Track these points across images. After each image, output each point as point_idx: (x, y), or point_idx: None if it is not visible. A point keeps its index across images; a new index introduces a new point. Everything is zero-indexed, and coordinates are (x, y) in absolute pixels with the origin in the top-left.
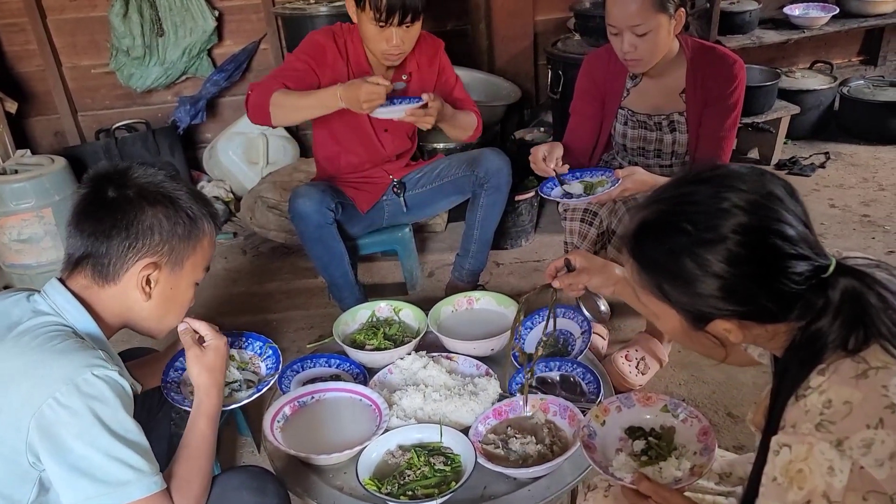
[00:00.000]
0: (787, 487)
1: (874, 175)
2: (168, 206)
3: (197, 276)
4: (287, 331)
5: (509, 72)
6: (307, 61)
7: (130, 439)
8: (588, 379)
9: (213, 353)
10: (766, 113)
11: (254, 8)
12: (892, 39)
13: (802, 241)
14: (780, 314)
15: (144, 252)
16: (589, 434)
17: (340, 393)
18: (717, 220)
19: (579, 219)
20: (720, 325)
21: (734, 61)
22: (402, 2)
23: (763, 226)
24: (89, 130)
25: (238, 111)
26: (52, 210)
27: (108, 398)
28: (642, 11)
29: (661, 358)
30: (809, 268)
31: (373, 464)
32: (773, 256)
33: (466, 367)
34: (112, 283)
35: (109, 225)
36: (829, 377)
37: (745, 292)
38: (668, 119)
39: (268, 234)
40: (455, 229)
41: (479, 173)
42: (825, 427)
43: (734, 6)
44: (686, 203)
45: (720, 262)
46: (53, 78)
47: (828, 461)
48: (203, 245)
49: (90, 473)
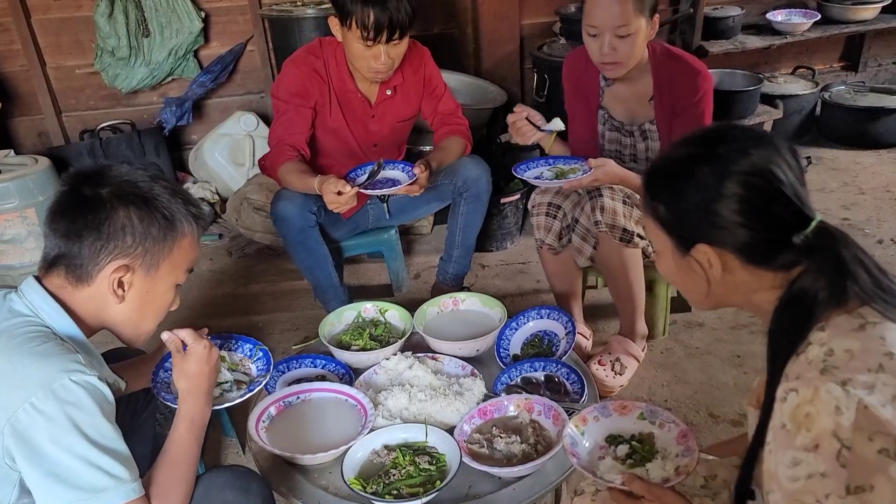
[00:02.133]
0: (796, 432)
1: (854, 179)
2: (142, 207)
3: (177, 279)
4: (272, 332)
5: (496, 75)
6: (297, 103)
7: (108, 446)
8: (572, 379)
9: (193, 358)
10: (749, 117)
11: (240, 9)
12: (872, 46)
13: (791, 187)
14: (762, 254)
15: (116, 254)
16: (571, 442)
17: (326, 393)
18: (722, 148)
19: (544, 213)
20: (703, 251)
21: (698, 72)
22: (390, 19)
23: (767, 163)
24: (74, 131)
25: (224, 112)
26: (36, 210)
27: (85, 404)
28: (625, 13)
29: (635, 355)
30: (792, 211)
31: (358, 463)
32: (764, 185)
33: (452, 367)
34: (86, 285)
35: (81, 225)
36: (829, 332)
37: (728, 215)
38: (641, 128)
39: (253, 235)
40: (441, 231)
41: (458, 182)
42: (829, 371)
43: (717, 12)
44: (707, 137)
45: (711, 176)
46: (37, 78)
47: (834, 399)
48: (182, 246)
49: (66, 479)
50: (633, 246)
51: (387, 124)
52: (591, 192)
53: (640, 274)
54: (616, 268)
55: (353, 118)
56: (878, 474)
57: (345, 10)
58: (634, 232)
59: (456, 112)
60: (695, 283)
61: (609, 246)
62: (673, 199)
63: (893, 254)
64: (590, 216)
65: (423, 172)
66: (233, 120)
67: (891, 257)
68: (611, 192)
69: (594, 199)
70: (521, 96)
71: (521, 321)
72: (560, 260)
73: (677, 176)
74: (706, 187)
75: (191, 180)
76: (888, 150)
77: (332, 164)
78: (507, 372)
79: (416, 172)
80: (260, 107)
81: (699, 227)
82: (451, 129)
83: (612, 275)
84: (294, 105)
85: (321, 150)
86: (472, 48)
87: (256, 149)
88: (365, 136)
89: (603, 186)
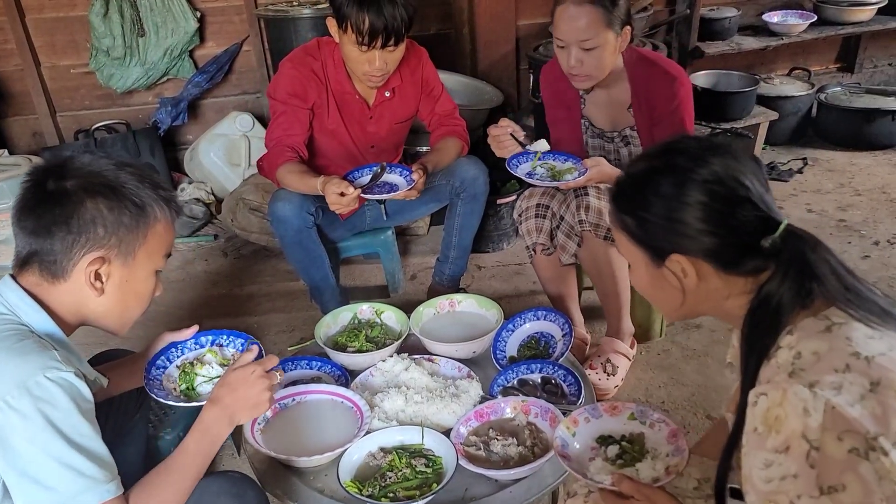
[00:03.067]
0: (767, 434)
1: (850, 180)
2: (110, 196)
3: (156, 264)
4: (268, 333)
5: (492, 76)
6: (295, 104)
7: (84, 444)
8: (569, 381)
9: (239, 372)
10: (745, 118)
11: (236, 9)
12: (868, 47)
13: (755, 192)
14: (733, 260)
15: (90, 246)
16: (562, 444)
17: (322, 395)
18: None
19: (533, 215)
20: (677, 260)
21: (674, 78)
22: (385, 25)
23: (727, 169)
24: (68, 131)
25: (220, 112)
26: None
27: (61, 402)
28: (591, 27)
29: (624, 353)
30: (759, 215)
31: (354, 466)
32: (726, 192)
33: (448, 369)
34: (62, 280)
35: (49, 220)
36: (797, 335)
37: (694, 222)
38: (622, 135)
39: (249, 236)
40: (437, 232)
41: (455, 183)
42: (797, 374)
43: (714, 13)
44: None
45: (672, 186)
46: (32, 78)
47: (802, 401)
48: (156, 231)
49: (40, 480)
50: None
51: (385, 126)
52: (577, 190)
53: (625, 272)
54: (601, 265)
55: (351, 120)
56: (849, 473)
57: (341, 14)
58: None
59: (453, 113)
60: (669, 295)
61: (594, 244)
62: (640, 213)
63: (889, 255)
64: (575, 214)
65: (420, 178)
66: (228, 120)
67: (887, 258)
68: (597, 192)
69: (580, 197)
70: (518, 97)
71: (518, 323)
72: (553, 264)
73: (641, 189)
74: (670, 197)
75: (186, 181)
76: (884, 151)
77: (328, 166)
78: (503, 374)
79: (414, 178)
80: (256, 107)
81: (669, 238)
82: (447, 131)
83: (597, 273)
84: (292, 106)
85: (318, 152)
86: (468, 49)
87: (252, 149)
88: (363, 137)
89: (589, 186)
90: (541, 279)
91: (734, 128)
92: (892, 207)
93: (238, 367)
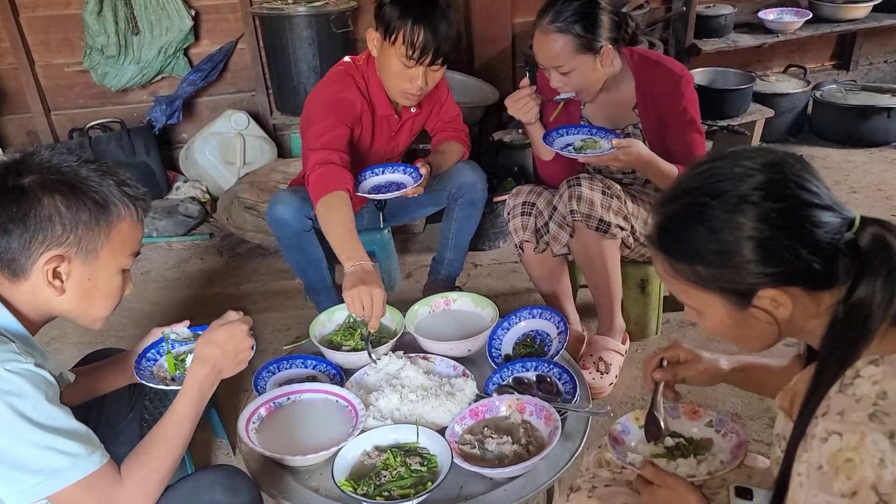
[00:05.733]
0: (834, 477)
1: (846, 178)
2: (68, 194)
3: (121, 263)
4: (263, 332)
5: (488, 73)
6: (347, 123)
7: (57, 426)
8: (564, 379)
9: (224, 329)
10: (741, 116)
11: (231, 7)
12: (864, 44)
13: (822, 192)
14: (823, 274)
15: (48, 244)
16: (622, 430)
17: (316, 394)
18: (736, 184)
19: (519, 213)
20: (766, 295)
21: (680, 77)
22: (438, 43)
23: (783, 179)
24: (62, 130)
25: (215, 111)
26: None
27: (26, 391)
28: (563, 54)
29: (616, 350)
30: (836, 218)
31: (349, 465)
32: (797, 206)
33: (443, 367)
34: (22, 279)
35: (6, 218)
36: (884, 369)
37: (780, 249)
38: (625, 133)
39: (244, 234)
40: (433, 230)
41: (452, 188)
42: (879, 418)
43: (710, 10)
44: (704, 180)
45: (748, 221)
46: (26, 76)
47: (880, 452)
48: (121, 230)
49: (21, 465)
50: (611, 237)
51: (404, 139)
52: (569, 180)
53: (617, 265)
54: (593, 257)
55: (380, 134)
56: None
57: (391, 26)
58: (612, 223)
59: (457, 119)
60: (760, 332)
61: (585, 235)
62: (701, 256)
63: None
64: (567, 204)
65: (427, 173)
66: (223, 118)
67: None
68: (589, 182)
69: (572, 187)
70: None
71: (513, 321)
72: (543, 261)
73: (691, 230)
74: (731, 230)
75: (181, 179)
76: (879, 148)
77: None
78: (498, 372)
79: (422, 173)
80: (251, 105)
81: (756, 273)
82: (450, 135)
83: (588, 264)
84: (343, 127)
85: None
86: (464, 46)
87: (247, 148)
88: (383, 150)
89: (582, 176)
90: (532, 277)
91: (730, 125)
92: (887, 204)
93: (225, 325)
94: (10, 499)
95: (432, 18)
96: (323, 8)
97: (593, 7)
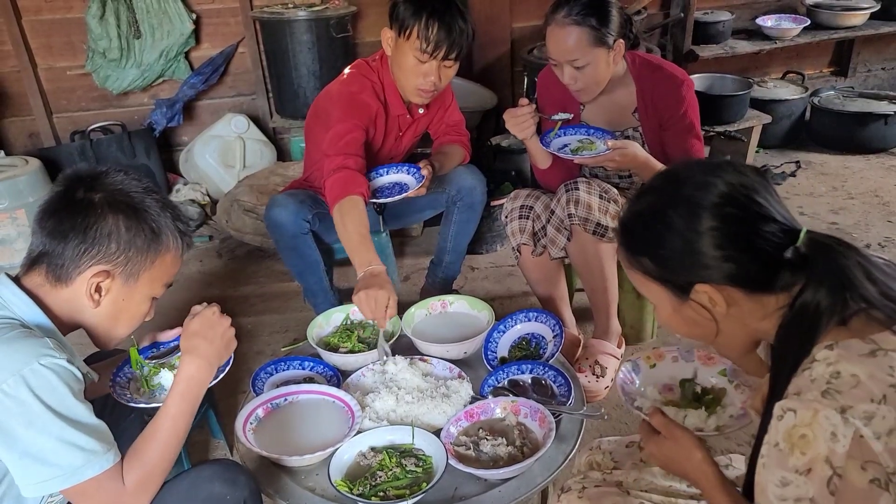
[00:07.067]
0: (789, 453)
1: (843, 184)
2: (131, 216)
3: (154, 291)
4: (262, 334)
5: (486, 78)
6: (363, 126)
7: (81, 421)
8: (559, 381)
9: (197, 318)
10: (739, 122)
11: (232, 11)
12: (861, 51)
13: (766, 204)
14: (760, 280)
15: (98, 259)
16: (633, 368)
17: (313, 395)
18: (691, 190)
19: (517, 217)
20: (702, 290)
21: (681, 82)
22: (452, 37)
23: (733, 190)
24: (64, 132)
25: (215, 114)
26: (26, 211)
27: (56, 386)
28: (579, 47)
29: (611, 353)
30: (780, 228)
31: (345, 465)
32: (742, 216)
33: (439, 369)
34: (64, 285)
35: (69, 226)
36: (838, 352)
37: (715, 252)
38: (624, 135)
39: (243, 237)
40: (431, 233)
41: (452, 192)
42: (831, 395)
43: (708, 17)
44: (665, 182)
45: (692, 225)
46: (28, 79)
47: (832, 426)
48: (164, 260)
49: (42, 458)
50: (608, 241)
51: (409, 140)
52: (567, 184)
53: (614, 269)
54: (590, 260)
55: (389, 134)
56: (867, 503)
57: (406, 22)
58: (609, 227)
59: (460, 124)
60: (702, 328)
61: (582, 238)
62: (654, 251)
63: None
64: (564, 208)
65: (430, 173)
66: (223, 122)
67: None
68: (587, 186)
69: (570, 191)
70: (512, 99)
71: (509, 324)
72: (540, 265)
73: (651, 226)
74: (682, 229)
75: (181, 182)
76: (876, 154)
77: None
78: (494, 374)
79: (424, 174)
80: (251, 109)
81: (689, 270)
82: (453, 139)
83: (585, 268)
84: (359, 129)
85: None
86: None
87: (247, 151)
88: (390, 149)
89: (580, 180)
90: (529, 281)
91: (728, 131)
92: (884, 211)
93: (196, 316)
94: (27, 490)
95: (446, 15)
96: (323, 13)
97: (605, 2)
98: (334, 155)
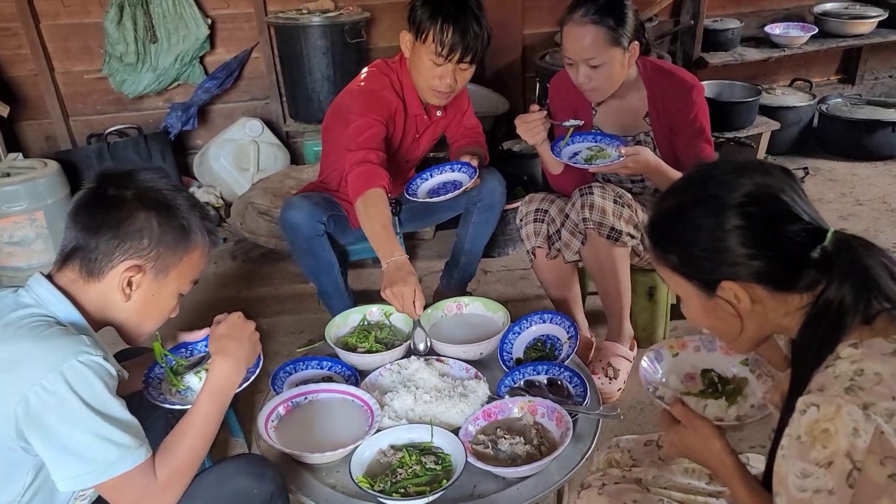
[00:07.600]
0: (811, 446)
1: (852, 190)
2: (162, 213)
3: (182, 287)
4: (277, 335)
5: (498, 84)
6: (383, 122)
7: (116, 417)
8: (575, 382)
9: (224, 323)
10: (748, 128)
11: (246, 17)
12: (869, 59)
13: (794, 204)
14: (786, 278)
15: (131, 253)
16: (655, 357)
17: (333, 394)
18: (721, 189)
19: (532, 220)
20: (729, 287)
21: (691, 87)
22: (467, 41)
23: (761, 190)
24: (81, 135)
25: (229, 118)
26: (45, 213)
27: (93, 383)
28: (596, 46)
29: (624, 356)
30: (806, 228)
31: (365, 462)
32: (769, 216)
33: (456, 369)
34: (96, 280)
35: (101, 220)
36: (862, 350)
37: (742, 250)
38: (635, 140)
39: (258, 239)
40: (443, 237)
41: (472, 192)
42: (854, 391)
43: (717, 24)
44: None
45: (719, 222)
46: (46, 83)
47: (854, 422)
48: (193, 257)
49: (78, 452)
50: (622, 245)
51: (426, 142)
52: (582, 189)
53: (627, 273)
54: (604, 264)
55: (407, 137)
56: (884, 497)
57: (422, 25)
58: (623, 231)
59: (477, 128)
60: (727, 323)
61: (596, 242)
62: (681, 248)
63: None
64: (579, 212)
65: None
66: (238, 125)
67: None
68: (601, 191)
69: (584, 195)
70: (524, 105)
71: (524, 325)
72: (554, 268)
73: (678, 225)
74: (708, 228)
75: (195, 184)
76: (884, 161)
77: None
78: (510, 375)
79: (474, 165)
80: (265, 113)
81: (716, 267)
82: (472, 141)
83: (599, 272)
84: (379, 124)
85: None
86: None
87: (261, 154)
88: (407, 152)
89: (594, 185)
90: (543, 283)
91: (737, 137)
92: (892, 217)
93: (223, 321)
94: (62, 484)
95: (462, 19)
96: (337, 18)
97: (622, 3)
98: (356, 149)
